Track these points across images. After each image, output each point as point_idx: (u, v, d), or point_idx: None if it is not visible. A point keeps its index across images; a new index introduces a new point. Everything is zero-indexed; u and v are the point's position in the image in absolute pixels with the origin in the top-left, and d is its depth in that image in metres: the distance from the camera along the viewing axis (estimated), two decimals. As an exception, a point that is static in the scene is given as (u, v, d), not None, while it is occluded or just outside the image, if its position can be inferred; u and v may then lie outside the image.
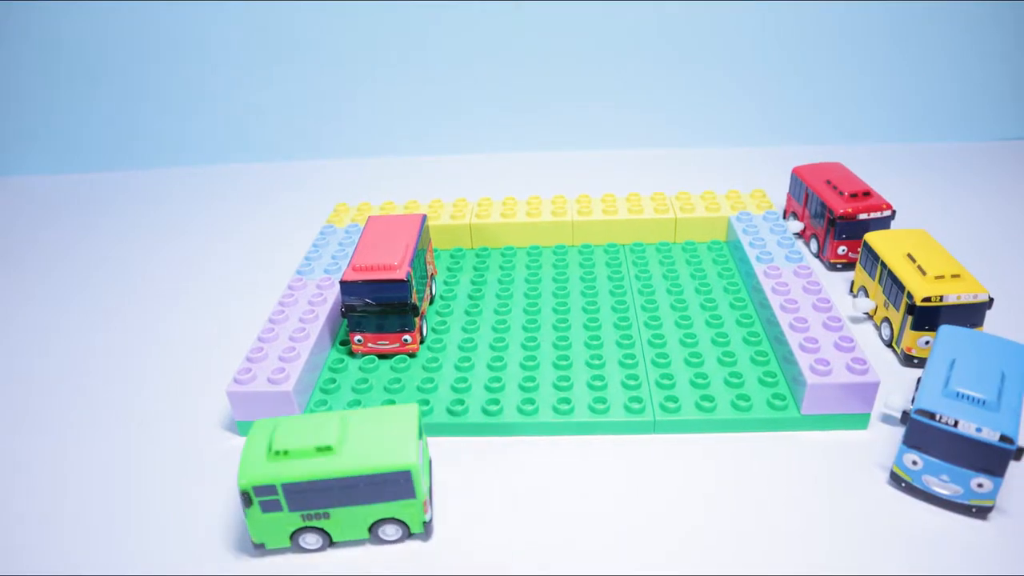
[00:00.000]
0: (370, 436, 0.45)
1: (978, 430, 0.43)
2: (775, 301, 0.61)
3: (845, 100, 1.07)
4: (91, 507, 0.50)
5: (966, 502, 0.45)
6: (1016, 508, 0.46)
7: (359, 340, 0.61)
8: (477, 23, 1.03)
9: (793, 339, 0.56)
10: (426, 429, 0.54)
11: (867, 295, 0.66)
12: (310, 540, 0.45)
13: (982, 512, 0.45)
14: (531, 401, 0.55)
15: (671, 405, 0.54)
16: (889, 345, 0.62)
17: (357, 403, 0.56)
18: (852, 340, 0.55)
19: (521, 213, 0.79)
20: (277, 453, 0.43)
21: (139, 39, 1.04)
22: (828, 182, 0.76)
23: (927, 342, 0.58)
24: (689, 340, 0.61)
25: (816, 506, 0.47)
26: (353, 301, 0.59)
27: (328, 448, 0.43)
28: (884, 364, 0.60)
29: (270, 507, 0.43)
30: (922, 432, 0.46)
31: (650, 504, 0.48)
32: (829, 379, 0.52)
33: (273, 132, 1.11)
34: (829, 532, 0.45)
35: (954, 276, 0.58)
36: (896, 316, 0.60)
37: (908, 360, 0.59)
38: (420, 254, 0.66)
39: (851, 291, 0.69)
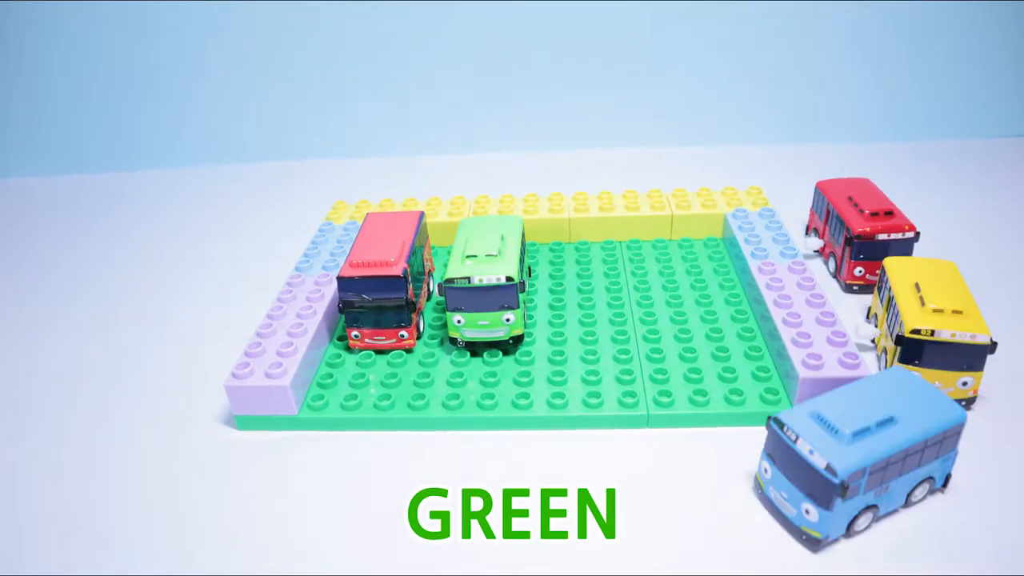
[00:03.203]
0: (486, 240, 0.61)
1: (811, 452, 0.42)
2: (769, 297, 0.62)
3: (843, 98, 1.07)
4: (89, 504, 0.50)
5: (798, 526, 0.44)
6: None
7: (356, 336, 0.61)
8: (476, 23, 1.03)
9: (786, 334, 0.56)
10: (421, 424, 0.55)
11: (878, 323, 0.61)
12: None
13: (812, 543, 0.43)
14: (526, 395, 0.55)
15: (664, 399, 0.54)
16: None
17: (354, 397, 0.56)
18: (844, 335, 0.55)
19: (518, 210, 0.80)
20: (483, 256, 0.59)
21: (137, 40, 1.05)
22: (850, 199, 0.71)
23: None
24: (683, 335, 0.61)
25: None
26: (350, 297, 0.60)
27: (495, 255, 0.59)
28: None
29: None
30: (772, 440, 0.45)
31: (642, 498, 0.48)
32: (821, 373, 0.52)
33: (272, 132, 1.11)
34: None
35: (955, 312, 0.52)
36: (893, 348, 0.55)
37: None
38: (417, 251, 0.66)
39: (867, 317, 0.65)
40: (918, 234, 0.67)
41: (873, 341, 0.61)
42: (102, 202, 1.02)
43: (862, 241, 0.67)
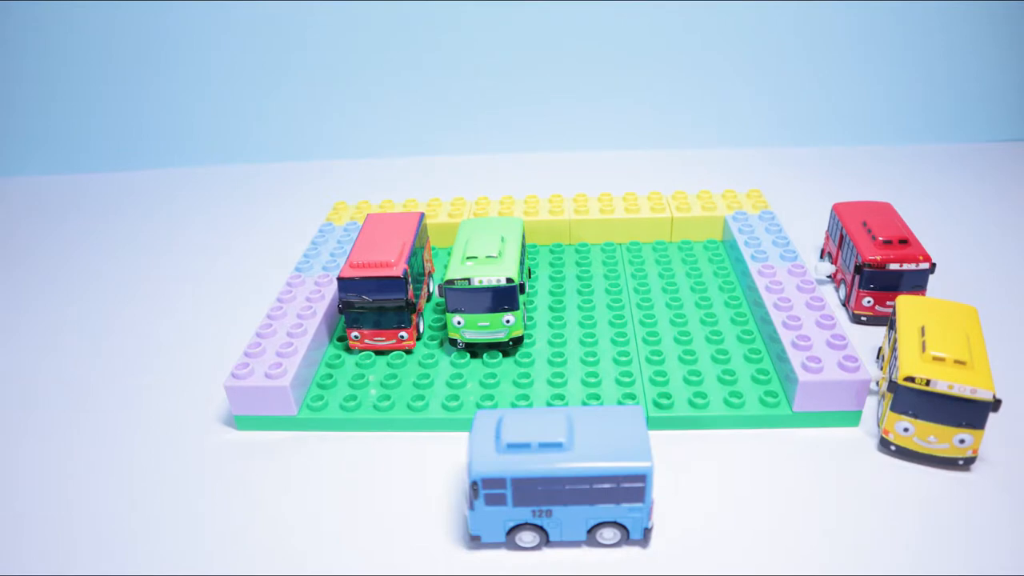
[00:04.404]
0: (487, 241, 0.62)
1: (468, 450, 0.43)
2: (769, 299, 0.62)
3: (844, 101, 1.07)
4: (88, 504, 0.50)
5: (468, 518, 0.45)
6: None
7: (356, 336, 0.61)
8: (476, 24, 1.03)
9: (786, 337, 0.56)
10: (421, 425, 0.55)
11: (883, 364, 0.57)
12: None
13: (470, 537, 0.44)
14: (526, 397, 0.55)
15: (664, 402, 0.54)
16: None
17: (353, 398, 0.56)
18: (844, 338, 0.55)
19: (518, 212, 0.80)
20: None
21: (141, 39, 1.05)
22: (864, 223, 0.67)
23: (906, 429, 0.49)
24: (683, 338, 0.61)
25: (808, 503, 0.47)
26: (350, 298, 0.60)
27: (496, 256, 0.60)
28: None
29: None
30: None
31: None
32: (821, 376, 0.52)
33: (273, 133, 1.11)
34: (820, 529, 0.46)
35: (958, 362, 0.48)
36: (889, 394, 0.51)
37: (884, 445, 0.51)
38: (418, 252, 0.66)
39: (877, 356, 0.61)
40: (934, 266, 0.63)
41: (877, 383, 0.56)
42: (104, 202, 1.01)
43: (872, 270, 0.63)
